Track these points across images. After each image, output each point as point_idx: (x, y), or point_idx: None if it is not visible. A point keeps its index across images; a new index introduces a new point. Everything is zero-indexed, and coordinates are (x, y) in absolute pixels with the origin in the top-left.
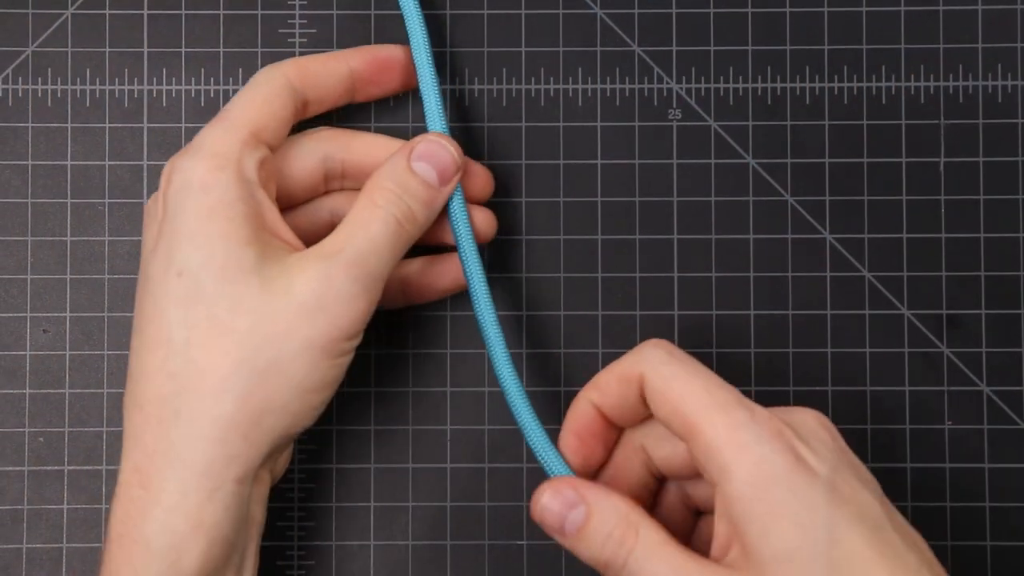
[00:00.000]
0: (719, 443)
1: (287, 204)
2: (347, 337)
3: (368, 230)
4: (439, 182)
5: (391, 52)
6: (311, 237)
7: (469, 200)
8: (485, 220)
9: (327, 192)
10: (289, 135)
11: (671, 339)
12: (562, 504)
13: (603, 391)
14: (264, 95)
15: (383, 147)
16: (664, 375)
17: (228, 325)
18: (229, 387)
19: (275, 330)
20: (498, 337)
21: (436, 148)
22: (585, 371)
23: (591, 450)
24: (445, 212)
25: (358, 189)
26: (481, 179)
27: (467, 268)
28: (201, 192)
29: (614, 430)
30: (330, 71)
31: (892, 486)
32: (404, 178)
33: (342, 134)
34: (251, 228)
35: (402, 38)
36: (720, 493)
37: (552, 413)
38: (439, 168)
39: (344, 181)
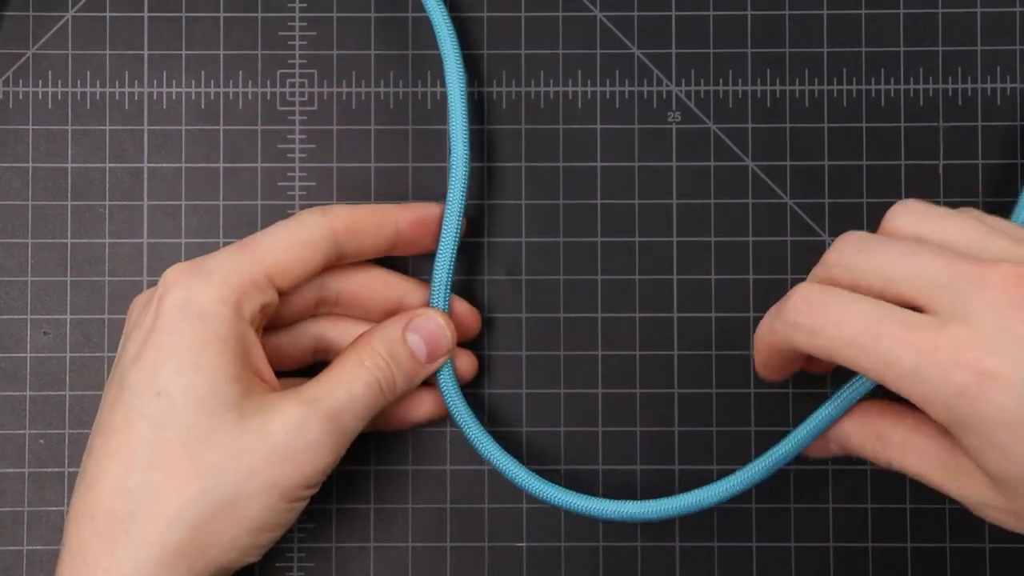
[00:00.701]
0: (902, 393)
1: (274, 324)
2: (308, 485)
3: (351, 387)
4: (427, 359)
5: (431, 211)
6: (289, 360)
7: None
8: (467, 366)
9: (314, 315)
10: None
11: (669, 340)
12: (821, 451)
13: (777, 354)
14: (301, 240)
15: (383, 284)
16: (818, 346)
17: (196, 454)
18: (185, 516)
19: (240, 469)
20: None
21: (432, 327)
22: (584, 373)
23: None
24: None
25: (346, 316)
26: (470, 321)
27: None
28: (199, 321)
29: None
30: (379, 230)
31: (891, 487)
32: (395, 348)
33: (343, 267)
34: (238, 366)
35: (402, 39)
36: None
37: (553, 414)
38: (431, 346)
39: (335, 308)
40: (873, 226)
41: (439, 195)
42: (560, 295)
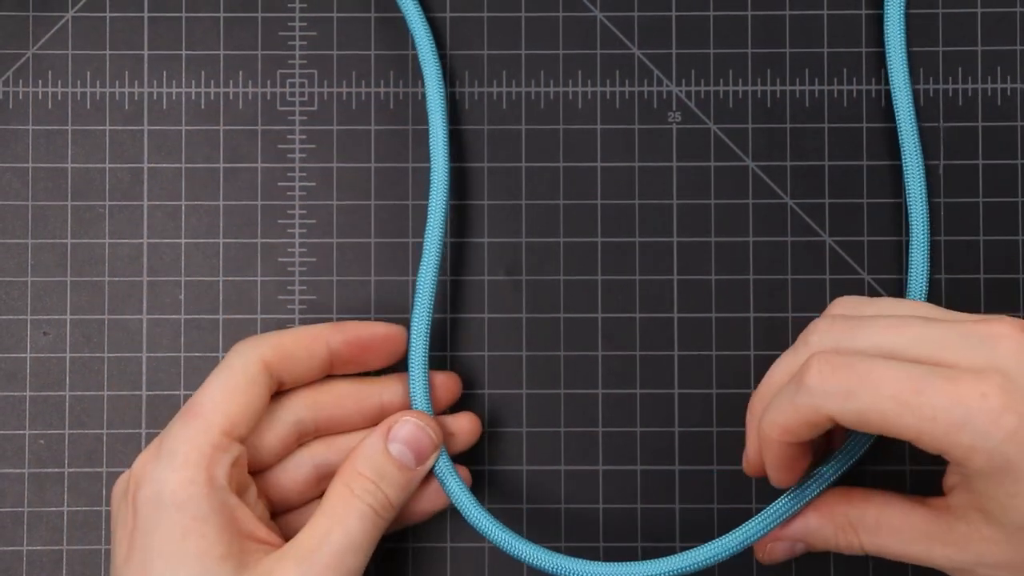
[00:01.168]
0: (942, 447)
1: (262, 468)
2: None
3: (345, 527)
4: (416, 462)
5: (373, 331)
6: (296, 496)
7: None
8: (470, 427)
9: (302, 444)
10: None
11: (669, 340)
12: (781, 555)
13: (795, 434)
14: (238, 385)
15: (354, 394)
16: (855, 412)
17: None
18: None
19: None
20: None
21: (413, 430)
22: (585, 375)
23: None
24: None
25: (335, 432)
26: (452, 388)
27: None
28: (174, 509)
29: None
30: (309, 353)
31: (892, 487)
32: (381, 464)
33: (308, 392)
34: (226, 542)
35: (402, 39)
36: (953, 468)
37: (553, 414)
38: (416, 449)
39: (318, 434)
40: (873, 225)
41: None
42: (560, 295)
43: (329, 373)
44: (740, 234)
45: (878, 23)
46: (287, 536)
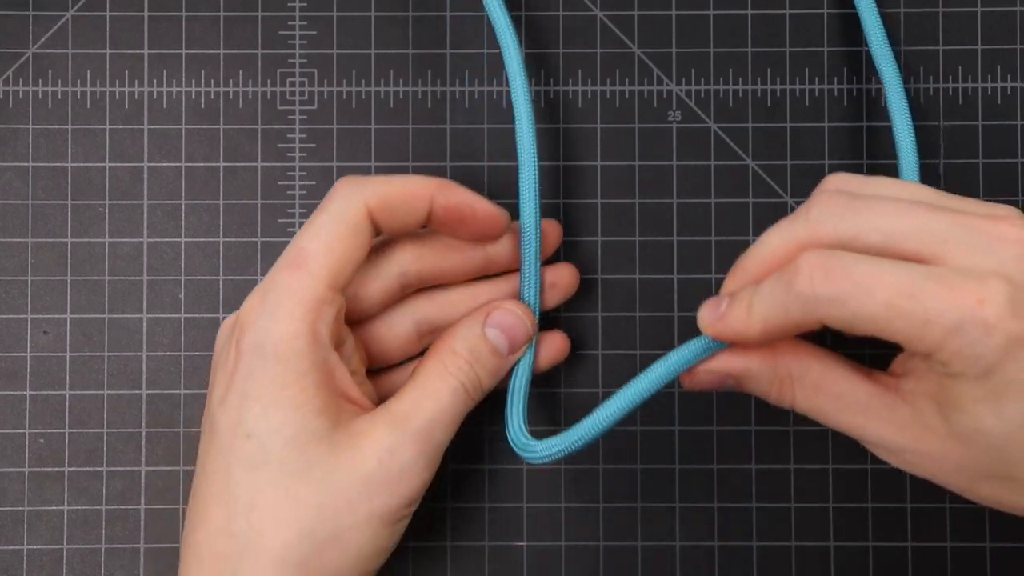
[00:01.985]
0: (930, 350)
1: (363, 318)
2: (408, 505)
3: (438, 400)
4: (508, 351)
5: (476, 205)
6: (395, 351)
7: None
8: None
9: (404, 298)
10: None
11: (670, 341)
12: (709, 386)
13: (781, 332)
14: (341, 234)
15: (458, 248)
16: (847, 317)
17: (293, 494)
18: (290, 557)
19: (339, 502)
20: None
21: (511, 318)
22: (586, 373)
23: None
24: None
25: (437, 287)
26: (554, 237)
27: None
28: (276, 362)
29: None
30: (412, 207)
31: (892, 487)
32: (477, 345)
33: (412, 242)
34: (323, 397)
35: (402, 39)
36: (928, 363)
37: (554, 414)
38: (511, 337)
39: (421, 284)
40: None
41: None
42: None
43: (417, 229)
44: (740, 233)
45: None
46: (379, 394)
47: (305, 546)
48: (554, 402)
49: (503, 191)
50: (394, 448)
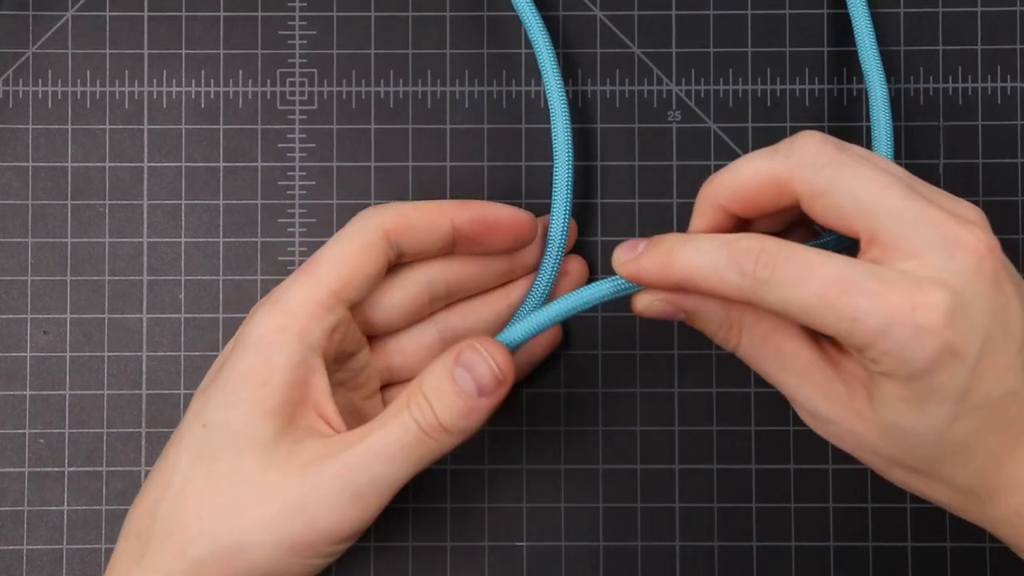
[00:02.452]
0: (857, 346)
1: (392, 331)
2: (328, 542)
3: (384, 432)
4: (478, 394)
5: (500, 213)
6: (416, 361)
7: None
8: (580, 268)
9: (435, 311)
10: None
11: (669, 340)
12: (661, 315)
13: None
14: (353, 249)
15: (483, 259)
16: (778, 303)
17: (215, 492)
18: (188, 553)
19: (248, 518)
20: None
21: (477, 360)
22: (586, 373)
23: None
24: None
25: (463, 299)
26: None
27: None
28: (254, 351)
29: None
30: (432, 225)
31: (892, 488)
32: (440, 385)
33: (438, 258)
34: (281, 399)
35: (402, 39)
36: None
37: (553, 414)
38: (478, 381)
39: (451, 298)
40: None
41: (439, 195)
42: None
43: (452, 252)
44: None
45: (878, 22)
46: None
47: (203, 549)
48: (555, 402)
49: (504, 191)
50: (317, 479)
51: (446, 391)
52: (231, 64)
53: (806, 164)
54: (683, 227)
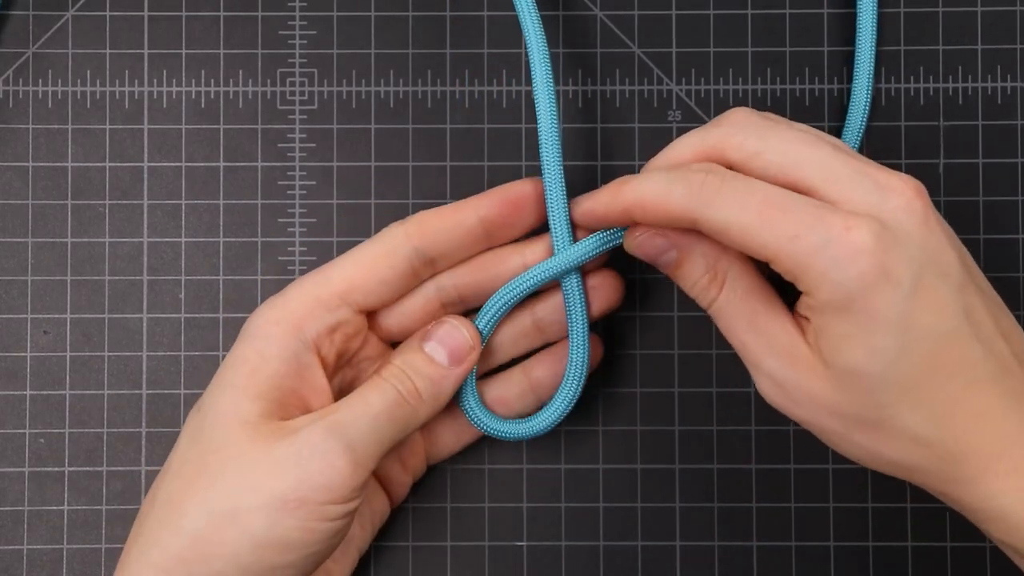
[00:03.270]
0: (794, 270)
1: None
2: (323, 500)
3: (363, 398)
4: (450, 362)
5: (521, 189)
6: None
7: None
8: (612, 284)
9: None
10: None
11: (669, 340)
12: (654, 249)
13: (647, 213)
14: (374, 253)
15: (494, 259)
16: (720, 220)
17: (206, 466)
18: (184, 524)
19: (242, 481)
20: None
21: (449, 330)
22: None
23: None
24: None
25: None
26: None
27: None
28: (249, 340)
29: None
30: (456, 224)
31: (892, 488)
32: (412, 357)
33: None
34: (270, 385)
35: (402, 39)
36: (804, 299)
37: None
38: (450, 348)
39: (464, 303)
40: None
41: (439, 195)
42: None
43: (490, 245)
44: None
45: (878, 22)
46: None
47: (203, 519)
48: None
49: None
50: (307, 436)
51: (416, 361)
52: (231, 64)
53: (734, 134)
54: None
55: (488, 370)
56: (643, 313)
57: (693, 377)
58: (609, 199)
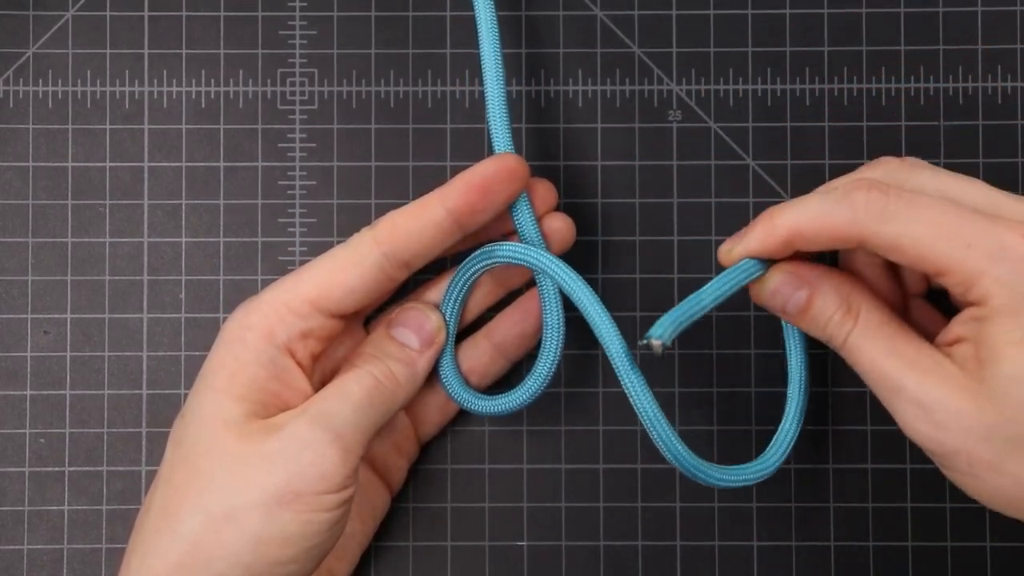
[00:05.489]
0: (969, 280)
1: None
2: (316, 491)
3: (342, 387)
4: (419, 344)
5: (485, 170)
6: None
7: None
8: (563, 227)
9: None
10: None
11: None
12: (790, 290)
13: (807, 238)
14: (342, 261)
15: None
16: (891, 235)
17: (197, 470)
18: (182, 530)
19: (235, 480)
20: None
21: (413, 314)
22: (586, 372)
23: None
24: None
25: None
26: (543, 192)
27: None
28: (225, 346)
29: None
30: (424, 222)
31: (892, 487)
32: (382, 342)
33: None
34: (251, 387)
35: (402, 39)
36: (970, 312)
37: (554, 414)
38: (417, 331)
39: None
40: None
41: None
42: None
43: (458, 236)
44: None
45: (879, 21)
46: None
47: (199, 521)
48: (555, 402)
49: None
50: (293, 428)
51: (387, 346)
52: (231, 64)
53: (894, 170)
54: (683, 226)
55: (461, 329)
56: (643, 313)
57: (693, 377)
58: (764, 234)
